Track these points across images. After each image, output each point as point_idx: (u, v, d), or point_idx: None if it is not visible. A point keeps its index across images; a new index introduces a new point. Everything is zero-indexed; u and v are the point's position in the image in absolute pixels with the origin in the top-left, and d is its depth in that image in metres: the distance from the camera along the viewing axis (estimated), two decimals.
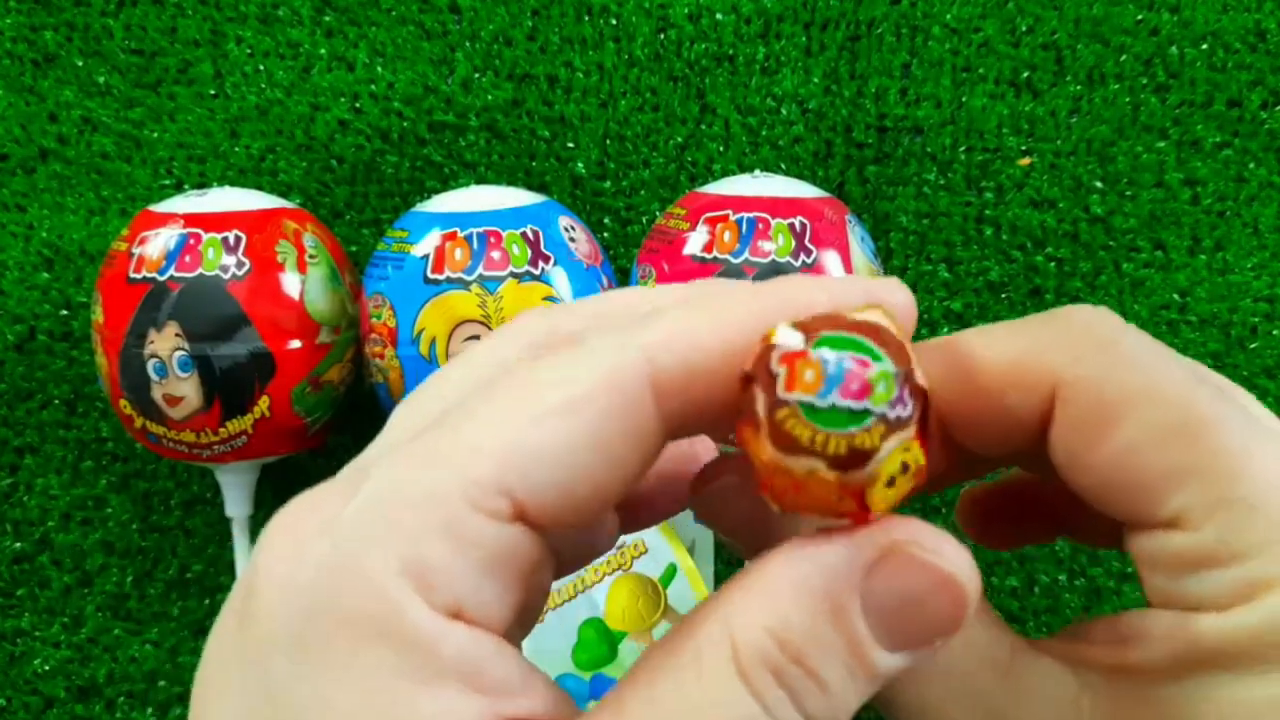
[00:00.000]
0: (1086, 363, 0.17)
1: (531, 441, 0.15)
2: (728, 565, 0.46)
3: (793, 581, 0.15)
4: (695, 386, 0.16)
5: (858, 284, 0.17)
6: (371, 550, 0.15)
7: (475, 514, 0.15)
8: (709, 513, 0.20)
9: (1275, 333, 0.45)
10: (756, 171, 0.44)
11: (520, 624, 0.17)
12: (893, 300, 0.17)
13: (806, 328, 0.15)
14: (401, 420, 0.18)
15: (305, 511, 0.16)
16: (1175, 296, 0.46)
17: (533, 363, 0.16)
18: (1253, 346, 0.45)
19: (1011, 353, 0.17)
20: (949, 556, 0.15)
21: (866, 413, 0.14)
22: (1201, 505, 0.16)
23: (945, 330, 0.46)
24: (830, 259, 0.39)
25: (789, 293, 0.16)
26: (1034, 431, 0.18)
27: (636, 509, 0.21)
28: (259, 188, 0.45)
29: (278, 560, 0.15)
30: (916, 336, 0.19)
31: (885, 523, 0.15)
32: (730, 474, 0.19)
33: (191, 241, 0.39)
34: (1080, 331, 0.17)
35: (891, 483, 0.14)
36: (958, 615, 0.15)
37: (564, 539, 0.18)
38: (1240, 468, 0.16)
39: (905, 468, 0.14)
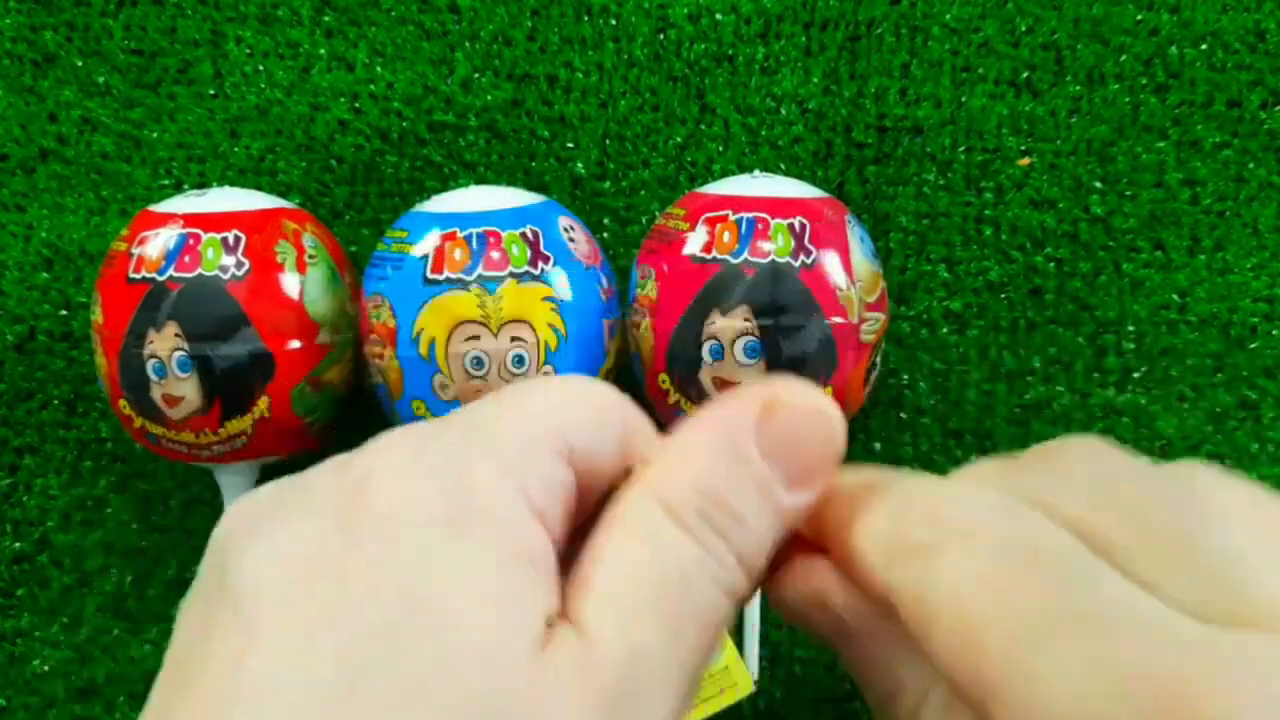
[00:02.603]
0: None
1: (578, 410, 0.20)
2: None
3: (703, 443, 0.19)
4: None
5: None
6: (481, 460, 0.18)
7: (551, 452, 0.19)
8: (800, 616, 0.22)
9: (1275, 333, 0.45)
10: (756, 171, 0.44)
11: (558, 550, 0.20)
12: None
13: None
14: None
15: (404, 435, 0.19)
16: (1175, 296, 0.46)
17: (556, 376, 0.22)
18: (1253, 346, 0.45)
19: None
20: (817, 397, 0.20)
21: None
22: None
23: (945, 330, 0.46)
24: (830, 259, 0.39)
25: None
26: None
27: None
28: (259, 188, 0.45)
29: (388, 460, 0.18)
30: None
31: (764, 383, 0.20)
32: (825, 575, 0.21)
33: (191, 241, 0.39)
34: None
35: None
36: (833, 446, 0.20)
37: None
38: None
39: None
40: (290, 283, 0.40)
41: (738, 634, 0.42)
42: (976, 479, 0.20)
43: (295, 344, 0.40)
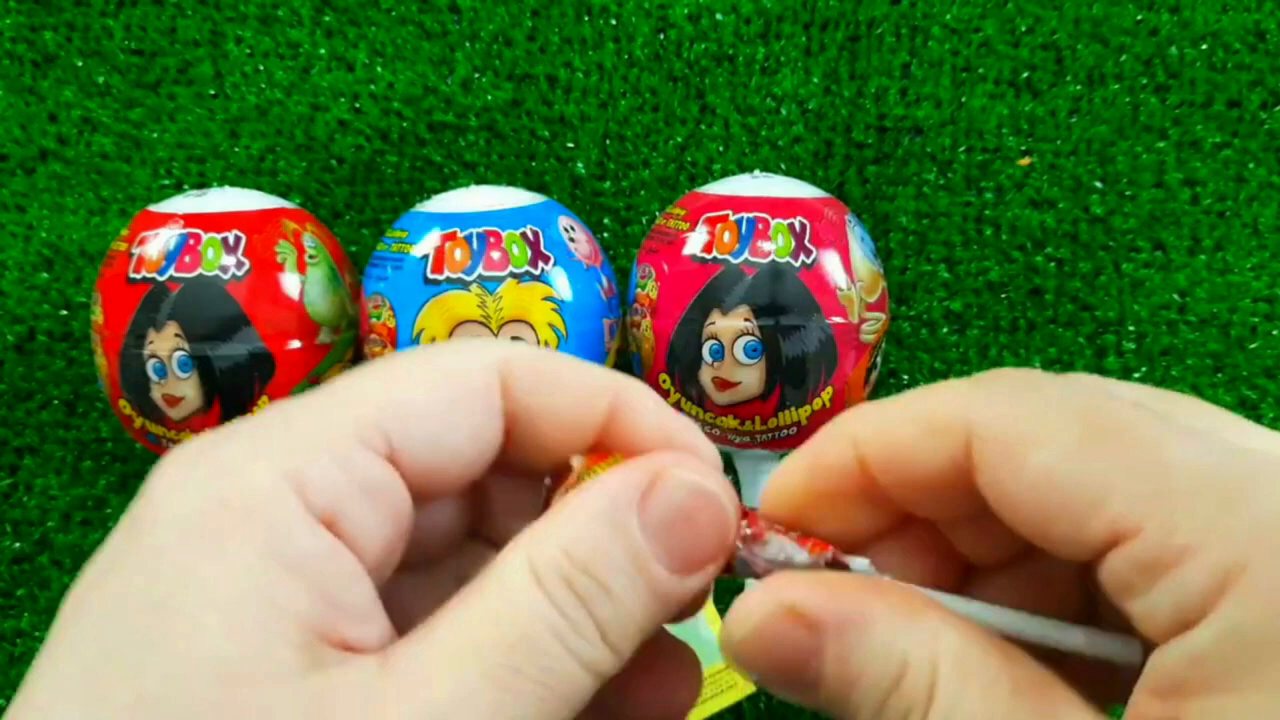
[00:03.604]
0: (995, 401, 0.18)
1: (410, 397, 0.18)
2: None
3: (581, 507, 0.18)
4: (533, 399, 0.19)
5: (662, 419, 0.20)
6: (257, 459, 0.17)
7: (356, 443, 0.17)
8: (766, 652, 0.20)
9: (1275, 333, 0.45)
10: (756, 171, 0.44)
11: (383, 568, 0.19)
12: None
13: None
14: None
15: (197, 440, 0.18)
16: (1175, 296, 0.46)
17: (411, 351, 0.19)
18: (1253, 346, 0.45)
19: (924, 408, 0.19)
20: (709, 478, 0.19)
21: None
22: (1133, 507, 0.16)
23: (944, 330, 0.46)
24: (830, 259, 0.39)
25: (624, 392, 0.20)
26: (959, 481, 0.18)
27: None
28: (259, 188, 0.45)
29: (168, 472, 0.17)
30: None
31: (658, 454, 0.19)
32: (798, 580, 0.20)
33: (191, 242, 0.39)
34: (987, 379, 0.18)
35: None
36: (722, 534, 0.19)
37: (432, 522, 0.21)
38: (1162, 461, 0.16)
39: None
40: (290, 283, 0.40)
41: None
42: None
43: (295, 344, 0.40)
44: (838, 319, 0.39)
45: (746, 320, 0.38)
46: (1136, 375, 0.45)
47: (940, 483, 0.18)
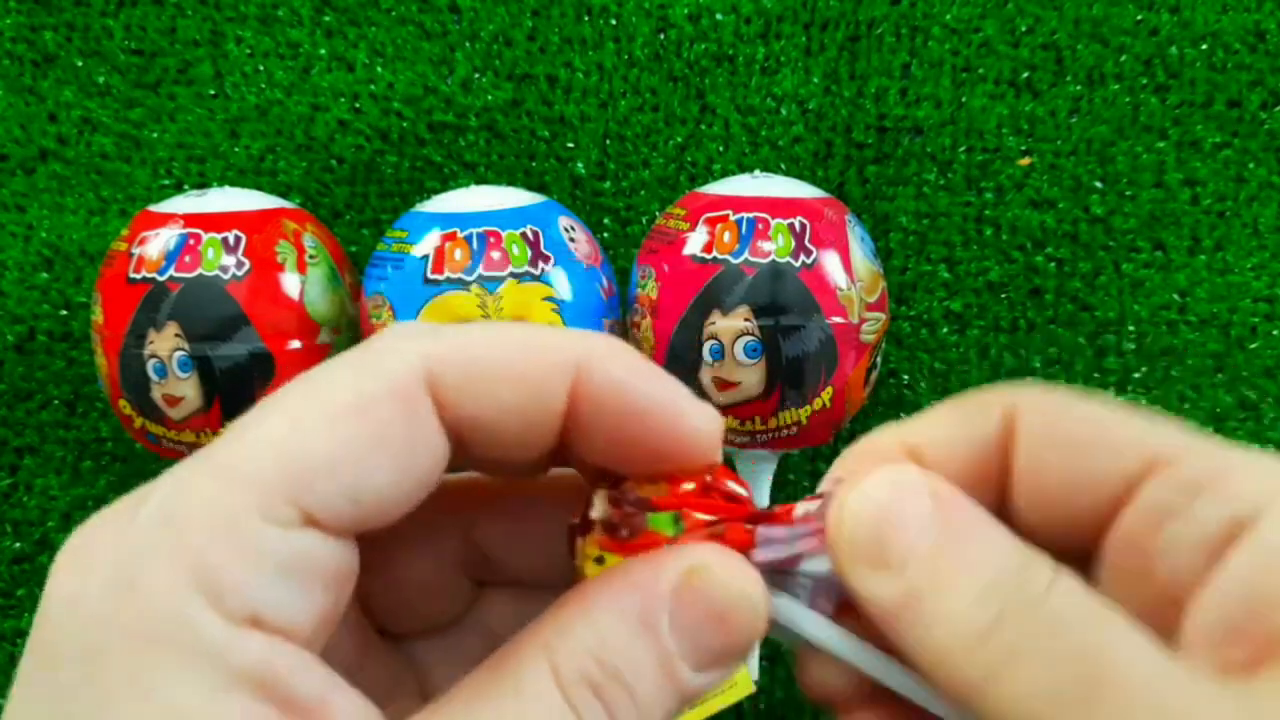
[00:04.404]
0: (1032, 389, 0.19)
1: (317, 448, 0.15)
2: None
3: (610, 605, 0.17)
4: (478, 398, 0.17)
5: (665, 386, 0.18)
6: (157, 562, 0.15)
7: (263, 522, 0.15)
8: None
9: (1275, 333, 0.45)
10: (756, 171, 0.44)
11: (327, 632, 0.17)
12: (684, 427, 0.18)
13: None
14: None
15: (93, 530, 0.16)
16: (1175, 296, 0.46)
17: (319, 369, 0.16)
18: (1253, 346, 0.45)
19: (959, 401, 0.19)
20: (744, 578, 0.17)
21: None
22: (1174, 439, 0.17)
23: (944, 330, 0.46)
24: (830, 259, 0.39)
25: (566, 340, 0.17)
26: (995, 459, 0.19)
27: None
28: (259, 188, 0.45)
29: (64, 580, 0.15)
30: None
31: (686, 548, 0.17)
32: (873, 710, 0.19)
33: (191, 242, 0.39)
34: (1024, 387, 0.19)
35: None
36: (752, 634, 0.17)
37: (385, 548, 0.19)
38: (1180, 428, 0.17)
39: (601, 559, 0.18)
40: (290, 283, 0.40)
41: None
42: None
43: (295, 344, 0.40)
44: (838, 319, 0.39)
45: (746, 320, 0.38)
46: (1136, 375, 0.45)
47: (980, 461, 0.19)
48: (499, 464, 0.19)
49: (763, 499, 0.42)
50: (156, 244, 0.39)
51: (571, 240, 0.40)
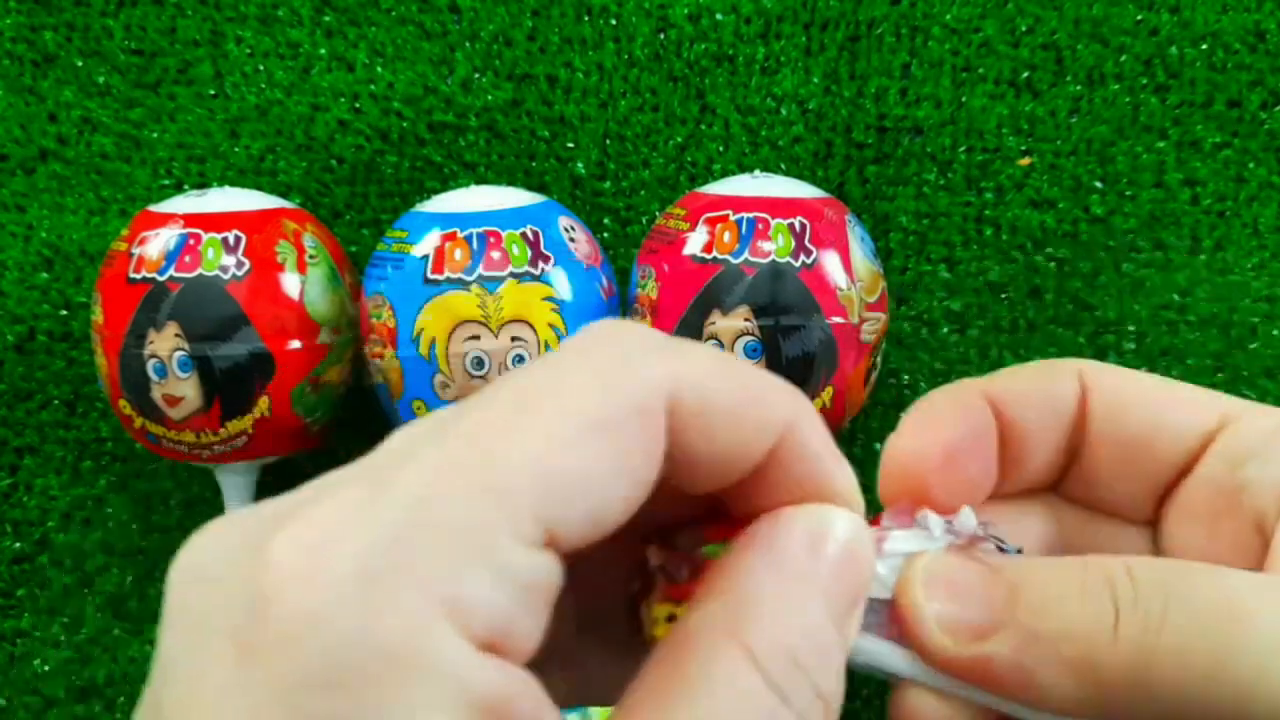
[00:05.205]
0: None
1: (570, 466, 0.15)
2: None
3: (787, 593, 0.17)
4: (701, 433, 0.16)
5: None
6: (407, 580, 0.14)
7: (515, 545, 0.14)
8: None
9: (1275, 333, 0.45)
10: (756, 171, 0.44)
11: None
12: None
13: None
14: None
15: (321, 523, 0.15)
16: (1175, 296, 0.46)
17: (557, 370, 0.16)
18: (1253, 346, 0.45)
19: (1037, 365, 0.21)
20: (864, 528, 0.18)
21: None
22: (1249, 404, 0.19)
23: (944, 330, 0.46)
24: (830, 259, 0.39)
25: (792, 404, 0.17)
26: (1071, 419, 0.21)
27: None
28: (259, 188, 0.45)
29: (293, 583, 0.14)
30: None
31: (830, 514, 0.18)
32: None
33: (191, 242, 0.39)
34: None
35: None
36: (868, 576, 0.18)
37: None
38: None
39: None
40: (290, 283, 0.40)
41: None
42: None
43: (295, 344, 0.40)
44: (838, 319, 0.39)
45: (746, 320, 0.38)
46: None
47: (1058, 414, 0.20)
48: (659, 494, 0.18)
49: None
50: (156, 244, 0.39)
51: (571, 240, 0.40)
